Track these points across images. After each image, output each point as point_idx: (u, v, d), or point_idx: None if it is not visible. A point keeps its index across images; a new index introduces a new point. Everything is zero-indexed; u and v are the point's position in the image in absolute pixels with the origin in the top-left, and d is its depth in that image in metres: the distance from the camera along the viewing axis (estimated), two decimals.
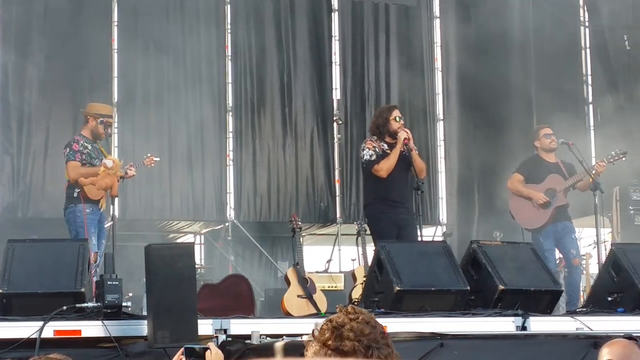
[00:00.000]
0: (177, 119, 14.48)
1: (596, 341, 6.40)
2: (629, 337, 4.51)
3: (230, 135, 15.00)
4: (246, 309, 9.42)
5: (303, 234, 15.46)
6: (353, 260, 11.91)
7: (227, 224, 14.75)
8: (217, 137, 14.85)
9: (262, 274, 15.14)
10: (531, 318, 7.41)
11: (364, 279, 8.67)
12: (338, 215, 15.35)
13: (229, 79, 15.06)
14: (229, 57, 15.07)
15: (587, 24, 16.36)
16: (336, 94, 15.54)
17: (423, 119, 15.86)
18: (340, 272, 12.93)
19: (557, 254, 10.36)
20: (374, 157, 9.05)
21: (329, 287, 11.78)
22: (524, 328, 7.35)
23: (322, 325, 2.87)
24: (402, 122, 9.20)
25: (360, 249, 10.90)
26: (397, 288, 7.49)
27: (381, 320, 7.32)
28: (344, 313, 2.89)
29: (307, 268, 14.19)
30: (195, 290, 6.66)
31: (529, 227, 9.88)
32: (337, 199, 15.42)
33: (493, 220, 14.05)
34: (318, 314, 8.75)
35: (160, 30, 14.36)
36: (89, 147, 9.59)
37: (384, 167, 8.97)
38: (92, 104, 10.30)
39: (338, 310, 2.92)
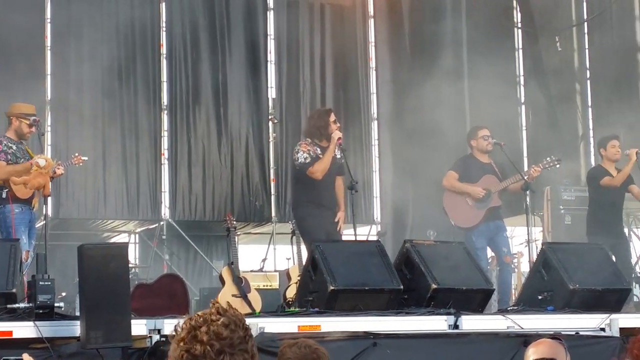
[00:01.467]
0: (111, 117, 14.38)
1: (526, 339, 6.50)
2: (554, 337, 4.58)
3: (165, 133, 14.93)
4: (180, 309, 9.39)
5: (238, 233, 15.45)
6: (288, 259, 11.94)
7: (162, 223, 14.67)
8: (152, 136, 14.77)
9: (197, 273, 15.11)
10: (463, 317, 7.49)
11: (299, 278, 8.70)
12: (273, 214, 15.36)
13: (164, 77, 14.99)
14: (164, 56, 15.00)
15: (519, 25, 16.57)
16: (271, 93, 15.55)
17: (358, 119, 15.95)
18: (276, 271, 12.93)
19: (489, 253, 10.50)
20: (308, 160, 9.08)
21: (264, 286, 11.79)
22: (456, 326, 7.43)
23: (183, 324, 2.71)
24: (338, 124, 9.28)
25: (294, 248, 10.94)
26: (331, 287, 7.53)
27: (315, 320, 7.38)
28: (210, 312, 2.71)
29: (243, 267, 14.20)
30: (128, 291, 6.64)
31: (462, 226, 9.98)
32: (273, 197, 15.42)
33: (427, 219, 14.15)
34: (252, 314, 8.75)
35: (94, 27, 14.25)
36: (14, 147, 9.48)
37: (319, 169, 9.00)
38: (15, 104, 10.13)
39: (211, 305, 2.75)
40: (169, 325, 6.82)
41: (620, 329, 7.56)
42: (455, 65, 15.87)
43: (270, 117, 15.26)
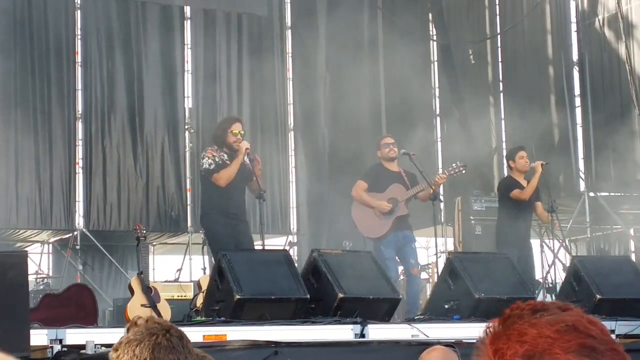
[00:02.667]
0: (24, 125, 14.20)
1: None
2: (448, 344, 4.64)
3: (80, 142, 14.78)
4: (89, 319, 9.27)
5: (154, 243, 15.44)
6: (203, 269, 11.90)
7: (75, 232, 14.50)
8: (66, 144, 14.61)
9: (111, 283, 14.99)
10: (370, 325, 7.53)
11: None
12: (189, 224, 15.30)
13: (79, 85, 14.85)
14: (79, 64, 14.86)
15: (434, 38, 16.76)
16: (188, 103, 15.51)
17: (274, 129, 15.98)
18: (191, 281, 12.87)
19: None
20: (213, 166, 9.06)
21: (178, 296, 11.72)
22: (362, 335, 7.47)
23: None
24: (239, 136, 9.19)
25: (206, 257, 10.90)
26: (237, 296, 7.52)
27: (221, 329, 7.37)
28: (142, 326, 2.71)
29: (158, 277, 14.16)
30: (27, 300, 6.56)
31: (370, 236, 10.03)
32: (188, 207, 15.37)
33: (343, 229, 14.22)
34: None
35: (7, 33, 14.08)
36: None
37: (224, 177, 8.97)
38: None
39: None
40: (70, 335, 6.76)
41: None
42: (371, 77, 16.00)
43: (186, 126, 15.21)
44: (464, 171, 10.25)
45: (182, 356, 2.67)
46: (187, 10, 15.71)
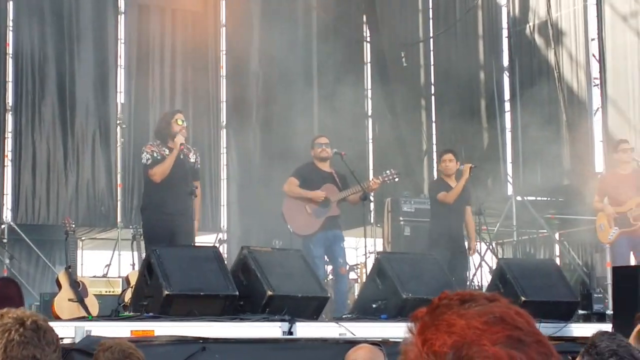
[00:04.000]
0: None
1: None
2: (374, 342, 4.70)
3: (9, 135, 14.61)
4: None
5: (83, 238, 15.31)
6: (132, 265, 11.85)
7: (2, 226, 14.34)
8: None
9: (39, 277, 14.84)
10: (298, 323, 7.56)
11: None
12: (119, 219, 15.20)
13: (10, 77, 14.68)
14: (10, 55, 14.69)
15: (368, 39, 16.87)
16: (120, 98, 15.41)
17: (207, 126, 15.96)
18: (120, 277, 12.81)
19: None
20: (149, 162, 9.03)
21: (106, 291, 11.68)
22: (290, 333, 7.50)
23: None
24: (184, 124, 9.21)
25: (135, 253, 10.87)
26: (166, 292, 7.51)
27: (149, 324, 7.35)
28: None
29: (87, 272, 14.04)
30: None
31: (300, 233, 10.04)
32: (119, 203, 15.28)
33: (274, 228, 14.24)
34: (86, 318, 8.65)
35: None
36: None
37: (158, 172, 8.95)
38: None
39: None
40: None
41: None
42: (305, 77, 16.05)
43: (118, 121, 15.12)
44: (397, 179, 10.34)
45: (37, 351, 2.43)
46: (122, 4, 15.61)
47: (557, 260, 15.25)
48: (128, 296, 9.43)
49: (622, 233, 10.44)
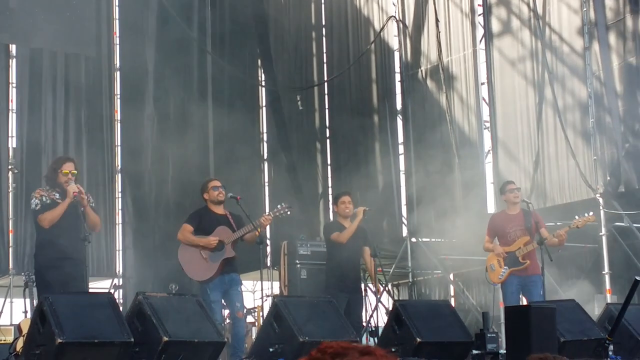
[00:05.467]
0: None
1: None
2: None
3: None
4: None
5: None
6: (24, 312, 11.60)
7: None
8: None
9: None
10: None
11: None
12: (11, 266, 14.90)
13: None
14: None
15: (263, 84, 16.96)
16: (12, 142, 15.17)
17: (102, 170, 15.79)
18: (12, 324, 12.54)
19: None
20: (39, 207, 8.87)
21: None
22: None
23: None
24: (70, 176, 9.02)
25: (28, 300, 10.64)
26: (59, 340, 7.37)
27: None
28: None
29: None
30: None
31: (197, 279, 9.98)
32: (10, 249, 14.98)
33: (171, 272, 14.13)
34: None
35: None
36: None
37: (47, 218, 8.79)
38: None
39: None
40: None
41: None
42: (200, 120, 16.03)
43: (10, 166, 14.86)
44: (289, 212, 10.35)
45: None
46: (13, 49, 15.40)
47: (452, 301, 15.46)
48: (20, 345, 9.24)
49: (513, 272, 10.65)
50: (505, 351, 8.68)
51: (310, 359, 1.66)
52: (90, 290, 9.38)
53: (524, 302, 10.75)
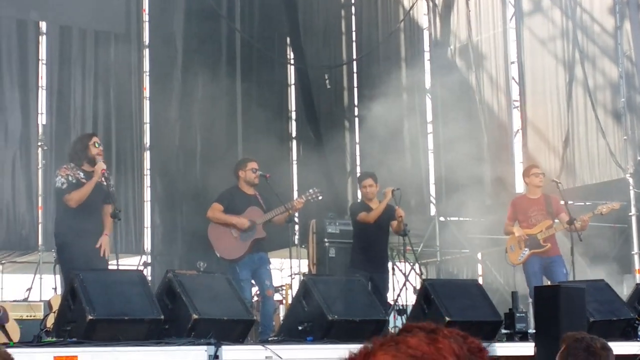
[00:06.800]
0: None
1: None
2: None
3: None
4: None
5: (3, 262, 15.07)
6: (53, 288, 11.68)
7: None
8: None
9: None
10: (224, 347, 7.52)
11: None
12: (40, 242, 15.00)
13: None
14: None
15: (292, 62, 16.93)
16: (42, 119, 15.24)
17: (130, 148, 15.85)
18: (41, 301, 12.63)
19: None
20: (65, 186, 8.81)
21: (27, 316, 11.51)
22: (216, 357, 7.46)
23: None
24: (101, 148, 9.05)
25: (58, 276, 10.71)
26: (89, 317, 7.40)
27: (72, 350, 7.26)
28: None
29: (8, 296, 13.82)
30: None
31: (227, 257, 9.99)
32: (40, 226, 15.08)
33: (198, 249, 14.18)
34: (7, 344, 8.50)
35: None
36: None
37: (75, 198, 8.72)
38: None
39: None
40: None
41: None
42: (228, 97, 16.04)
43: (39, 143, 14.93)
44: (320, 197, 10.36)
45: None
46: (43, 25, 15.46)
47: (480, 280, 15.43)
48: (51, 321, 9.30)
49: (533, 254, 10.63)
50: (534, 330, 8.65)
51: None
52: (120, 268, 9.39)
53: (547, 282, 10.72)
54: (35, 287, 14.14)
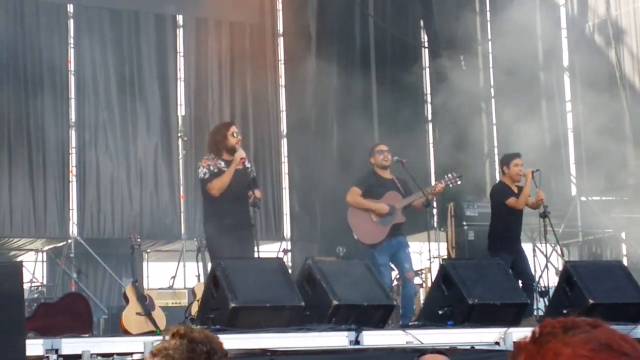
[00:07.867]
0: (17, 132, 14.27)
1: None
2: (439, 351, 4.69)
3: (74, 150, 14.83)
4: (84, 327, 9.31)
5: (148, 251, 15.46)
6: (197, 276, 11.92)
7: (69, 240, 14.54)
8: (60, 152, 14.65)
9: (106, 291, 15.01)
10: (364, 332, 7.56)
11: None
12: (183, 231, 15.33)
13: (72, 94, 14.89)
14: (72, 72, 14.90)
15: (426, 44, 16.81)
16: (181, 110, 15.55)
17: (267, 136, 16.03)
18: (185, 288, 12.90)
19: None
20: (207, 176, 9.00)
21: (172, 303, 11.76)
22: (357, 342, 7.50)
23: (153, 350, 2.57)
24: (239, 137, 9.20)
25: (200, 264, 10.93)
26: (232, 305, 7.54)
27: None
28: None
29: (153, 284, 14.17)
30: (22, 310, 6.58)
31: (366, 242, 9.97)
32: (182, 215, 15.40)
33: (337, 235, 14.24)
34: (154, 332, 8.73)
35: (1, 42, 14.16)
36: None
37: (216, 186, 8.90)
38: None
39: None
40: (66, 345, 6.78)
41: (514, 342, 7.68)
42: (363, 83, 16.04)
43: (179, 134, 15.25)
44: (459, 182, 10.30)
45: None
46: (180, 18, 15.76)
47: (624, 261, 15.05)
48: (195, 309, 9.50)
49: None
50: None
51: (540, 334, 1.63)
52: (260, 255, 9.51)
53: None
54: (179, 275, 14.44)
